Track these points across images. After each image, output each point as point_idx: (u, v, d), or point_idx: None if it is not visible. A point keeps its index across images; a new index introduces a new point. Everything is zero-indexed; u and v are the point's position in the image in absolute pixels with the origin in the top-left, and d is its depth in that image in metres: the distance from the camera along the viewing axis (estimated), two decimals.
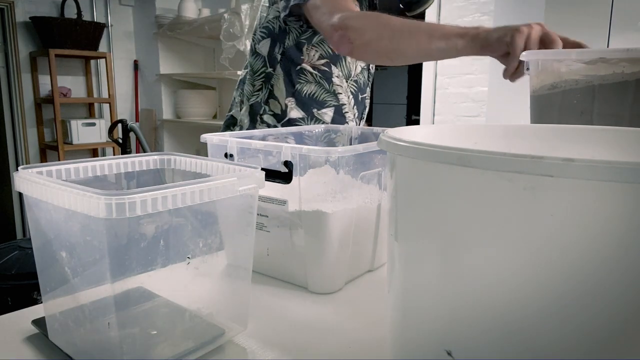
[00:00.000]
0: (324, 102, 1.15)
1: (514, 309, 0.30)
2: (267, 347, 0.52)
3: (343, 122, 1.17)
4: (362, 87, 1.21)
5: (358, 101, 1.21)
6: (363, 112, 1.28)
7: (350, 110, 1.19)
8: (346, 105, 1.17)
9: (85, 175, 0.53)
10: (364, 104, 1.25)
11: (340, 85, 1.15)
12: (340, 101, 1.16)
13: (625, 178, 0.25)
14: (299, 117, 1.14)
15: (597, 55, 0.69)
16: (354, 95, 1.18)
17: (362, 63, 1.18)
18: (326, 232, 0.63)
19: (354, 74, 1.17)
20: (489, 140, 0.50)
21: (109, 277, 0.39)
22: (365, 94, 1.24)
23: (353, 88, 1.17)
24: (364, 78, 1.21)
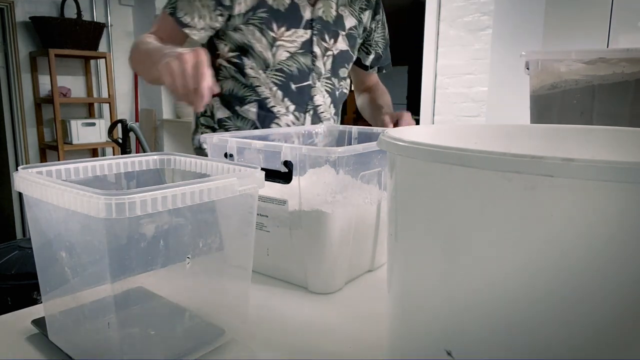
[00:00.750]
0: (244, 97, 1.06)
1: (513, 308, 0.30)
2: (266, 347, 0.52)
3: (272, 118, 1.06)
4: (294, 75, 1.05)
5: (290, 92, 1.06)
6: (313, 103, 1.10)
7: (279, 103, 1.05)
8: (270, 98, 1.05)
9: (85, 175, 0.53)
10: (306, 94, 1.08)
11: (257, 77, 1.04)
12: (262, 95, 1.05)
13: (625, 178, 0.25)
14: (225, 117, 1.07)
15: (597, 56, 0.69)
16: (280, 86, 1.04)
17: (293, 47, 1.03)
18: (326, 232, 0.63)
19: (274, 62, 1.03)
20: (488, 140, 0.50)
21: (108, 277, 0.39)
22: (308, 81, 1.07)
23: (277, 78, 1.04)
24: (298, 64, 1.05)
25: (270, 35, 1.00)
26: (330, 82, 1.12)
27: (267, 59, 1.02)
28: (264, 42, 1.01)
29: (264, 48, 1.01)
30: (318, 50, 1.07)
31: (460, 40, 2.69)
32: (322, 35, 1.06)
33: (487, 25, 2.57)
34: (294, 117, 1.09)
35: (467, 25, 2.66)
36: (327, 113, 1.14)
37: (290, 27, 1.02)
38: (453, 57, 2.73)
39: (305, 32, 1.04)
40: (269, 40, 1.01)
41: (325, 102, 1.12)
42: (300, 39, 1.03)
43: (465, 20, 2.66)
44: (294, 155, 0.62)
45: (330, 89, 1.12)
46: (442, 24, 2.75)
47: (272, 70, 1.03)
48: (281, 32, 1.01)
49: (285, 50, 1.03)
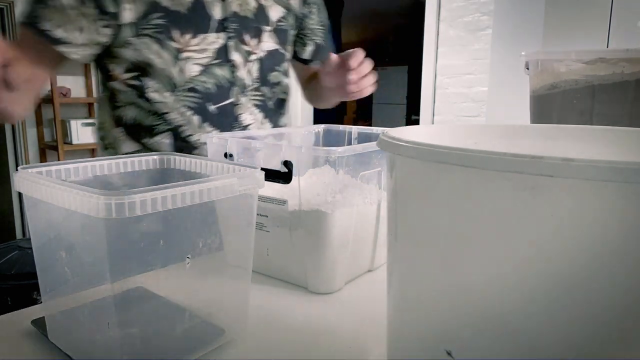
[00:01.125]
0: (152, 127, 0.84)
1: (513, 308, 0.30)
2: (266, 347, 0.52)
3: (190, 149, 0.85)
4: (211, 94, 0.84)
5: (210, 115, 0.84)
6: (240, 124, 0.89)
7: (197, 130, 0.84)
8: (185, 126, 0.83)
9: (85, 175, 0.53)
10: (230, 114, 0.87)
11: (163, 101, 0.81)
12: (174, 122, 0.83)
13: (625, 178, 0.25)
14: (134, 151, 0.86)
15: (597, 56, 0.69)
16: (195, 110, 0.83)
17: (204, 58, 0.82)
18: (326, 232, 0.63)
19: (183, 80, 0.81)
20: (488, 140, 0.50)
21: (108, 277, 0.39)
22: (230, 98, 0.86)
23: (190, 100, 0.82)
24: (215, 79, 0.84)
25: (172, 46, 0.79)
26: (260, 92, 0.92)
27: (172, 76, 0.80)
28: (166, 56, 0.79)
29: (167, 63, 0.79)
30: (238, 57, 0.86)
31: (460, 40, 2.69)
32: (241, 36, 0.86)
33: (487, 25, 2.57)
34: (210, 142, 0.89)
35: (467, 25, 2.66)
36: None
37: (197, 33, 0.81)
38: (453, 57, 2.73)
39: (218, 36, 0.83)
40: (172, 52, 0.79)
41: (256, 118, 0.92)
42: (212, 47, 0.82)
43: (465, 21, 2.67)
44: (293, 155, 0.62)
45: (260, 102, 0.92)
46: (442, 24, 2.75)
47: (182, 90, 0.82)
48: (186, 40, 0.80)
49: (195, 63, 0.81)
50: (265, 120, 0.95)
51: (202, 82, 0.83)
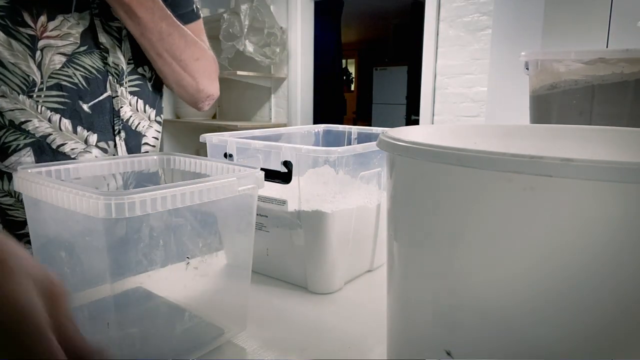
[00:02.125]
0: (5, 146, 0.66)
1: (513, 308, 0.30)
2: (266, 347, 0.52)
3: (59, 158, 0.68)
4: (82, 90, 0.69)
5: (83, 115, 0.69)
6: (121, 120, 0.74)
7: (71, 138, 0.69)
8: (53, 134, 0.67)
9: (84, 175, 0.53)
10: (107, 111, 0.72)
11: (18, 107, 0.65)
12: (37, 132, 0.66)
13: (624, 178, 0.25)
14: None
15: (597, 56, 0.69)
16: (64, 112, 0.68)
17: (69, 45, 0.67)
18: (326, 232, 0.63)
19: (45, 77, 0.66)
20: (488, 140, 0.50)
21: (108, 277, 0.39)
22: (106, 92, 0.71)
23: (55, 100, 0.67)
24: (84, 70, 0.69)
25: (25, 33, 0.63)
26: (137, 75, 0.77)
27: (29, 72, 0.64)
28: (18, 48, 0.63)
29: (21, 57, 0.64)
30: (108, 40, 0.71)
31: (460, 40, 2.69)
32: (107, 11, 0.70)
33: (486, 25, 2.57)
34: (99, 151, 0.72)
35: (466, 25, 2.66)
36: (145, 121, 0.79)
37: (55, 14, 0.65)
38: (452, 57, 2.73)
39: (82, 16, 0.68)
40: (26, 41, 0.63)
41: (137, 108, 0.77)
42: (76, 30, 0.67)
43: (464, 21, 2.67)
44: (293, 155, 0.62)
45: (137, 87, 0.77)
46: (442, 24, 2.75)
47: (43, 89, 0.66)
48: (42, 24, 0.64)
49: (58, 52, 0.66)
50: (147, 107, 0.79)
51: (68, 76, 0.67)
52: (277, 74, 3.54)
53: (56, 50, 0.66)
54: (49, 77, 0.66)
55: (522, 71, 0.84)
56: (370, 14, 6.21)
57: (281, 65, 3.52)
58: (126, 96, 0.75)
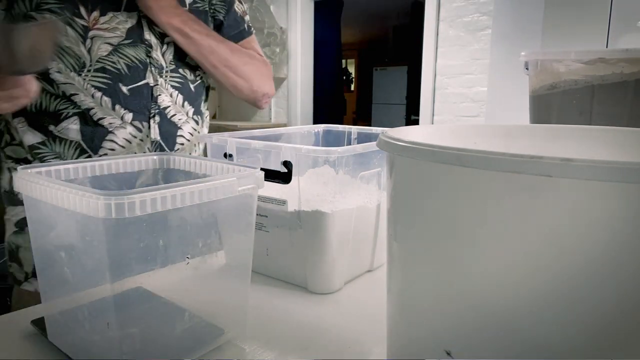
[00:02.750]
0: (58, 112, 0.79)
1: (513, 308, 0.30)
2: (266, 347, 0.52)
3: (103, 134, 0.81)
4: (123, 75, 0.80)
5: (122, 96, 0.81)
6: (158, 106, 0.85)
7: (109, 113, 0.80)
8: (95, 109, 0.79)
9: (84, 175, 0.53)
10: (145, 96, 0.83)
11: (69, 82, 0.77)
12: (83, 105, 0.78)
13: (624, 178, 0.25)
14: (36, 142, 0.80)
15: (596, 56, 0.69)
16: (105, 91, 0.79)
17: (115, 37, 0.79)
18: (325, 232, 0.63)
19: (92, 60, 0.77)
20: (488, 140, 0.50)
21: (108, 277, 0.39)
22: (145, 79, 0.82)
23: (99, 81, 0.78)
24: (127, 59, 0.80)
25: (80, 23, 0.76)
26: (179, 74, 0.88)
27: (80, 55, 0.77)
28: (72, 34, 0.76)
29: (73, 42, 0.76)
30: (152, 38, 0.82)
31: (460, 40, 2.69)
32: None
33: (486, 25, 2.57)
34: (134, 129, 0.83)
35: (466, 25, 2.66)
36: (182, 115, 0.90)
37: (106, 11, 0.78)
38: (452, 57, 2.73)
39: (130, 15, 0.80)
40: (79, 30, 0.76)
41: (176, 101, 0.88)
42: (123, 26, 0.79)
43: (464, 21, 2.67)
44: (293, 155, 0.62)
45: (179, 84, 0.88)
46: (442, 24, 2.75)
47: (91, 70, 0.78)
48: (94, 18, 0.77)
49: (106, 42, 0.78)
50: (186, 103, 0.91)
51: (113, 62, 0.79)
52: (277, 74, 3.54)
53: (104, 40, 0.78)
54: (96, 61, 0.78)
55: (522, 71, 0.84)
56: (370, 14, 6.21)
57: (281, 65, 3.52)
58: (166, 87, 0.87)
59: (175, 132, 0.89)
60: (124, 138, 0.82)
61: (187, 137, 0.92)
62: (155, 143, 0.86)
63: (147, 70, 0.82)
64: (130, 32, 0.80)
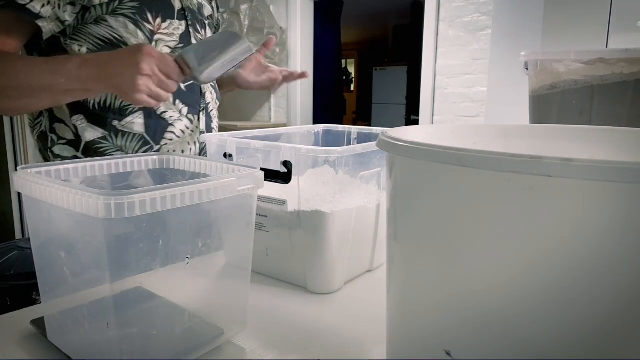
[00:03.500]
0: (123, 108, 0.85)
1: (512, 308, 0.30)
2: (266, 347, 0.52)
3: (164, 126, 0.89)
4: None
5: (181, 92, 0.90)
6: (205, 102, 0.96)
7: (171, 107, 0.89)
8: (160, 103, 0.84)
9: (84, 175, 0.53)
10: (196, 92, 0.94)
11: None
12: None
13: (623, 178, 0.25)
14: (97, 138, 0.86)
15: (596, 56, 0.69)
16: None
17: (172, 41, 0.89)
18: (325, 232, 0.63)
19: None
20: (488, 141, 0.50)
21: (108, 277, 0.39)
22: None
23: None
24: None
25: (147, 27, 0.85)
26: None
27: None
28: (141, 37, 0.84)
29: (133, 32, 0.83)
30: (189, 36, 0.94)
31: (460, 40, 2.69)
32: (195, 25, 0.94)
33: (486, 25, 2.57)
34: (188, 122, 0.93)
35: (466, 25, 2.66)
36: (214, 110, 1.03)
37: (166, 18, 0.88)
38: (452, 57, 2.73)
39: (180, 23, 0.91)
40: (147, 33, 0.84)
41: (213, 98, 1.01)
42: (177, 32, 0.90)
43: (464, 21, 2.67)
44: (293, 155, 0.62)
45: (213, 83, 1.02)
46: (442, 24, 2.75)
47: None
48: (158, 23, 0.86)
49: (166, 45, 0.87)
50: (216, 100, 1.03)
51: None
52: None
53: (164, 43, 0.88)
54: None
55: (522, 71, 0.84)
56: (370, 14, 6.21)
57: (281, 65, 3.52)
58: (208, 85, 0.98)
59: (211, 124, 1.01)
60: (180, 129, 0.91)
61: (216, 127, 1.04)
62: (202, 133, 0.95)
63: None
64: (182, 37, 0.91)
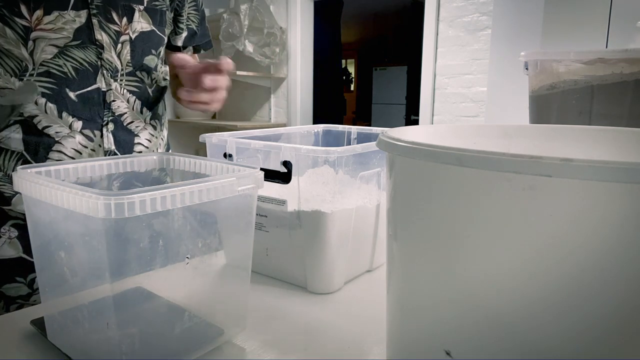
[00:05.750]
0: None
1: (512, 308, 0.30)
2: (265, 347, 0.52)
3: (49, 144, 0.73)
4: (70, 79, 0.73)
5: (69, 103, 0.73)
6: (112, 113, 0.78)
7: (56, 121, 0.73)
8: (39, 116, 0.72)
9: (84, 175, 0.53)
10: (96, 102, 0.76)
11: (10, 87, 0.70)
12: (26, 112, 0.71)
13: (623, 178, 0.25)
14: None
15: (596, 56, 0.69)
16: (50, 97, 0.72)
17: (61, 38, 0.71)
18: (325, 232, 0.63)
19: (36, 64, 0.71)
20: (487, 140, 0.50)
21: (108, 277, 0.39)
22: (96, 84, 0.75)
23: (44, 86, 0.72)
24: (75, 62, 0.73)
25: (20, 23, 0.69)
26: (135, 78, 0.81)
27: (21, 58, 0.70)
28: (11, 35, 0.68)
29: (14, 44, 0.69)
30: (105, 38, 0.75)
31: (459, 40, 2.69)
32: (107, 14, 0.75)
33: (486, 25, 2.57)
34: (83, 138, 0.75)
35: (466, 25, 2.66)
36: (140, 122, 0.83)
37: (51, 9, 0.70)
38: (452, 57, 2.73)
39: (78, 14, 0.72)
40: (19, 31, 0.69)
41: (134, 107, 0.82)
42: (70, 26, 0.72)
43: (464, 21, 2.67)
44: (293, 155, 0.62)
45: (136, 88, 0.82)
46: (441, 24, 2.75)
47: (33, 75, 0.71)
48: (37, 17, 0.69)
49: (51, 43, 0.71)
50: (145, 109, 0.85)
51: (58, 65, 0.72)
52: (276, 74, 3.54)
53: (48, 41, 0.71)
54: (40, 65, 0.71)
55: (521, 71, 0.84)
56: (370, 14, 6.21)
57: (281, 65, 3.53)
58: (122, 92, 0.80)
59: (133, 140, 0.83)
60: (72, 148, 0.75)
61: (145, 144, 0.86)
62: (109, 153, 0.79)
63: (99, 73, 0.75)
64: (79, 32, 0.73)
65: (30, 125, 0.72)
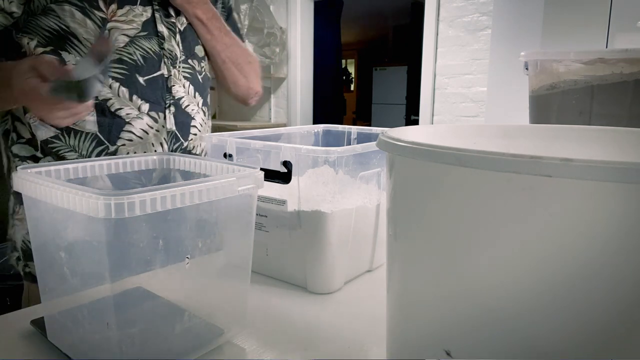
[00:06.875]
0: None
1: (512, 308, 0.30)
2: (266, 347, 0.52)
3: (121, 125, 0.81)
4: (139, 66, 0.82)
5: (139, 87, 0.82)
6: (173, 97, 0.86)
7: (127, 104, 0.81)
8: (112, 99, 0.80)
9: (84, 175, 0.53)
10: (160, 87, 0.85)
11: None
12: (101, 96, 0.80)
13: (623, 178, 0.25)
14: (50, 137, 0.80)
15: (596, 56, 0.69)
16: (123, 82, 0.81)
17: (131, 29, 0.81)
18: (325, 232, 0.63)
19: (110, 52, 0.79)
20: (487, 141, 0.50)
21: (108, 277, 0.39)
22: (160, 70, 0.84)
23: (116, 71, 0.80)
24: (142, 51, 0.82)
25: (98, 15, 0.78)
26: (188, 65, 0.91)
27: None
28: (90, 26, 0.77)
29: (92, 33, 0.77)
30: (165, 30, 0.85)
31: (459, 40, 2.69)
32: (166, 9, 0.86)
33: (486, 25, 2.57)
34: (150, 119, 0.84)
35: (466, 25, 2.66)
36: (194, 105, 0.92)
37: (124, 4, 0.80)
38: (452, 58, 2.73)
39: (145, 9, 0.83)
40: (97, 22, 0.77)
41: (189, 91, 0.91)
42: (139, 19, 0.82)
43: (464, 21, 2.67)
44: (293, 155, 0.62)
45: (190, 74, 0.91)
46: (441, 24, 2.75)
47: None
48: (112, 10, 0.79)
49: (123, 33, 0.80)
50: (196, 94, 0.93)
51: (129, 53, 0.81)
52: (276, 74, 3.54)
53: (121, 31, 0.80)
54: (114, 53, 0.80)
55: (521, 71, 0.84)
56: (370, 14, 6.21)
57: (281, 65, 3.52)
58: (179, 78, 0.89)
59: (189, 122, 0.91)
60: (141, 128, 0.83)
61: (199, 127, 0.94)
62: (170, 133, 0.87)
63: (161, 61, 0.85)
64: (146, 24, 0.83)
65: (104, 108, 0.80)
